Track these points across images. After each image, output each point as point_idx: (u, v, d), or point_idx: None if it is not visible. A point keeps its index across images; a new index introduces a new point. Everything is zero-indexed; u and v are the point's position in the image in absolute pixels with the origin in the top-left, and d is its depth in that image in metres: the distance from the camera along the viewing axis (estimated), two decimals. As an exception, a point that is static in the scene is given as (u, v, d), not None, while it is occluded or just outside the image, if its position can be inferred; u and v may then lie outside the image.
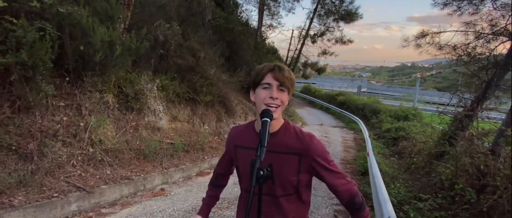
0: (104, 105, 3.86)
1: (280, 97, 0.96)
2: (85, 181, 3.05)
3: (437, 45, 6.64)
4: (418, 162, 6.03)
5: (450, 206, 2.98)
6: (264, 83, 0.98)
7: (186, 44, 5.07)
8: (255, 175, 0.81)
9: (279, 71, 0.97)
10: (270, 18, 13.61)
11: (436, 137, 6.73)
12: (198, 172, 4.83)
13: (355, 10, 11.45)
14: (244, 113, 8.39)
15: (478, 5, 6.03)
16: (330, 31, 12.63)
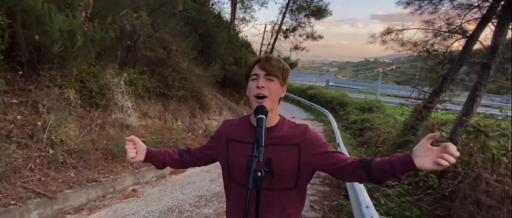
0: (65, 102, 3.50)
1: (267, 86, 0.94)
2: (46, 186, 2.75)
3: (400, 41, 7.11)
4: (383, 151, 6.45)
5: (415, 191, 3.25)
6: (252, 75, 0.97)
7: (156, 36, 4.77)
8: (252, 176, 0.78)
9: (265, 61, 0.96)
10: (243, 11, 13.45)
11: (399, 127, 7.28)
12: (171, 171, 4.64)
13: (325, 7, 11.83)
14: (218, 108, 8.25)
15: (437, 4, 6.52)
16: (301, 26, 12.90)
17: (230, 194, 1.10)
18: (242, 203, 1.01)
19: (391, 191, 3.21)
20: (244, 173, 1.00)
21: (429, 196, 2.99)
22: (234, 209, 1.07)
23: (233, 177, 1.05)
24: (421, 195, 3.09)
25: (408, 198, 3.10)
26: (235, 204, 1.06)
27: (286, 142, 0.98)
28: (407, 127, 6.30)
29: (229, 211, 1.12)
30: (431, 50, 6.67)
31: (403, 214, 2.80)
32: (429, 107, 6.00)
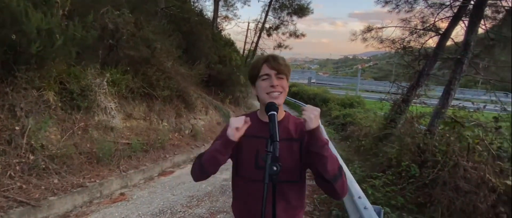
0: (44, 105, 3.31)
1: (280, 84, 0.99)
2: (28, 194, 2.60)
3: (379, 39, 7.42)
4: (366, 144, 6.72)
5: (398, 181, 3.43)
6: (262, 75, 1.01)
7: (140, 34, 4.63)
8: (268, 171, 0.80)
9: (274, 61, 1.01)
10: (225, 9, 13.34)
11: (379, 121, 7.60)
12: (160, 172, 4.56)
13: (307, 5, 12.04)
14: (204, 107, 8.16)
15: (412, 3, 6.85)
16: (284, 24, 13.04)
17: (236, 188, 1.12)
18: (249, 197, 1.04)
19: (377, 182, 3.37)
20: (251, 167, 1.03)
21: (411, 185, 3.17)
22: (242, 202, 1.09)
23: (240, 172, 1.07)
24: (404, 184, 3.27)
25: (392, 187, 3.28)
26: (242, 198, 1.08)
27: (291, 136, 1.02)
28: (387, 121, 6.60)
29: (235, 205, 1.14)
30: (408, 47, 7.02)
31: (389, 203, 2.96)
32: (407, 101, 6.33)
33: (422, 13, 6.57)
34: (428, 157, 3.23)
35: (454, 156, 2.78)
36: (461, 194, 2.60)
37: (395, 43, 7.08)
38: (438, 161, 2.95)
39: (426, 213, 2.74)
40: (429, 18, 6.60)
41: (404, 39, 6.90)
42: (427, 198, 2.95)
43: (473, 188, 2.49)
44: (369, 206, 1.89)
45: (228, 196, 3.75)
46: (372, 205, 1.93)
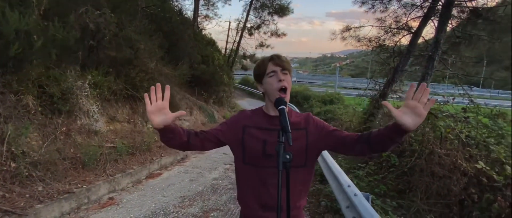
0: (23, 110, 3.16)
1: (285, 79, 1.09)
2: (13, 203, 2.49)
3: (357, 38, 7.78)
4: (347, 138, 7.03)
5: (380, 171, 3.67)
6: (269, 73, 1.10)
7: (122, 34, 4.51)
8: (281, 159, 0.88)
9: (278, 59, 1.11)
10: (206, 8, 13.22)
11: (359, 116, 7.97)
12: (147, 175, 4.49)
13: (287, 5, 12.27)
14: (188, 108, 8.09)
15: (387, 4, 7.25)
16: (265, 24, 13.18)
17: (243, 176, 1.18)
18: (258, 182, 1.12)
19: (361, 173, 3.58)
20: (259, 155, 1.11)
21: (392, 174, 3.41)
22: (249, 188, 1.15)
23: (246, 159, 1.14)
24: (385, 174, 3.50)
25: (375, 177, 3.50)
26: (250, 184, 1.15)
27: (295, 127, 1.11)
28: (367, 115, 6.95)
29: (242, 192, 1.20)
30: (383, 45, 7.44)
31: (373, 191, 3.16)
32: (384, 96, 6.71)
33: (395, 13, 6.98)
34: (406, 147, 3.49)
35: (429, 144, 3.04)
36: (436, 179, 2.85)
37: (371, 42, 7.46)
38: (415, 150, 3.20)
39: (406, 198, 2.97)
40: (402, 18, 7.03)
41: (380, 38, 7.30)
42: (407, 185, 3.19)
43: (447, 173, 2.74)
44: (358, 193, 2.04)
45: (220, 195, 3.80)
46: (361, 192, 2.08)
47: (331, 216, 2.88)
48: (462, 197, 2.60)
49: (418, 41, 6.78)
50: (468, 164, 2.68)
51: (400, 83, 6.86)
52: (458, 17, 6.76)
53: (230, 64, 13.76)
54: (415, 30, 6.53)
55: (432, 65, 4.53)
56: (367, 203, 1.85)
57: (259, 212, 1.15)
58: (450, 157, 2.82)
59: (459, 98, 4.47)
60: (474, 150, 2.93)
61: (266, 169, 1.10)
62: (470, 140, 3.37)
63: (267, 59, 1.12)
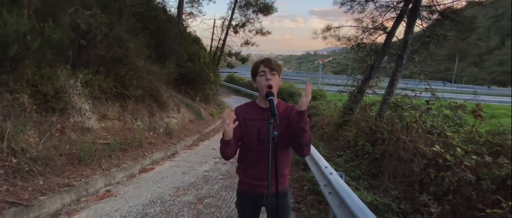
0: (20, 108, 3.27)
1: (272, 78, 1.39)
2: (17, 195, 2.64)
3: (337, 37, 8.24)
4: (328, 131, 7.50)
5: (356, 158, 4.10)
6: (260, 72, 1.41)
7: (112, 34, 4.62)
8: (270, 135, 1.20)
9: (268, 61, 1.43)
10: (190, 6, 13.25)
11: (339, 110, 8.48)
12: (140, 169, 4.68)
13: (271, 4, 12.59)
14: (176, 106, 8.23)
15: (364, 5, 7.75)
16: (250, 22, 13.42)
17: (244, 159, 1.51)
18: (255, 163, 1.44)
19: (339, 159, 4.00)
20: (255, 142, 1.42)
21: (366, 160, 3.85)
22: (248, 166, 1.48)
23: (247, 147, 1.46)
24: (360, 160, 3.94)
25: (351, 163, 3.93)
26: (249, 163, 1.47)
27: (282, 116, 1.43)
28: (346, 109, 7.44)
29: (243, 168, 1.51)
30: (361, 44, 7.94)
31: (349, 175, 3.57)
32: (362, 92, 7.21)
33: (372, 14, 7.49)
34: (378, 136, 3.94)
35: (396, 133, 3.48)
36: (402, 162, 3.29)
37: (350, 41, 7.94)
38: (385, 138, 3.64)
39: (377, 180, 3.39)
40: (378, 18, 7.54)
41: (358, 37, 7.78)
42: (378, 169, 3.63)
43: (410, 156, 3.19)
44: (334, 172, 2.40)
45: (212, 184, 4.08)
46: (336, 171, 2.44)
47: (312, 197, 3.26)
48: (423, 176, 3.06)
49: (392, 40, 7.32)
50: (427, 148, 3.14)
51: (377, 80, 7.40)
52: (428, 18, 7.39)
53: (216, 62, 13.91)
54: (390, 30, 7.06)
55: (402, 63, 5.03)
56: (340, 180, 2.21)
57: (251, 181, 1.48)
58: (413, 142, 3.27)
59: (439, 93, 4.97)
60: (434, 137, 3.40)
61: (261, 153, 1.41)
62: (434, 128, 3.87)
63: (260, 61, 1.42)
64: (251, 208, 1.53)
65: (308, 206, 3.08)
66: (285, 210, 1.51)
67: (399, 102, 3.91)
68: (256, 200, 1.50)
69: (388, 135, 3.59)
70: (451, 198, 2.52)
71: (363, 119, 4.90)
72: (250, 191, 1.51)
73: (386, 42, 7.00)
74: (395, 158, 3.38)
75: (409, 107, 3.78)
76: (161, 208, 3.16)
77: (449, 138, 3.37)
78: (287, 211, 1.54)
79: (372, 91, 6.77)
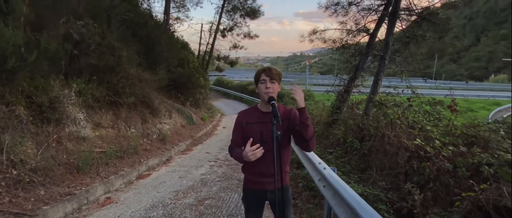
0: (16, 120, 3.29)
1: (272, 86, 1.56)
2: (21, 206, 2.68)
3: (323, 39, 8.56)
4: (318, 130, 7.77)
5: (346, 154, 4.35)
6: (261, 80, 1.58)
7: (105, 43, 4.68)
8: (274, 135, 1.37)
9: (269, 71, 1.60)
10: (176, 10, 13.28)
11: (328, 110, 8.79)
12: (137, 176, 4.74)
13: (258, 8, 12.84)
14: (168, 111, 8.27)
15: (347, 9, 8.10)
16: (238, 26, 13.61)
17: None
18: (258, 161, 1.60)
19: (330, 157, 4.23)
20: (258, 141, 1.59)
21: (355, 156, 4.10)
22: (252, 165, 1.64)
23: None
24: (350, 156, 4.19)
25: (342, 159, 4.17)
26: (253, 162, 1.63)
27: (282, 117, 1.61)
28: (334, 109, 7.75)
29: (248, 167, 1.67)
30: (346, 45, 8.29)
31: (340, 170, 3.80)
32: (348, 91, 7.54)
33: (355, 16, 7.85)
34: (365, 133, 4.21)
35: (381, 129, 3.75)
36: (388, 156, 3.55)
37: (335, 43, 8.27)
38: (372, 134, 3.91)
39: (366, 173, 3.64)
40: (361, 21, 7.92)
41: (342, 39, 8.13)
42: (367, 164, 3.89)
43: (395, 150, 3.45)
44: (327, 167, 2.61)
45: (210, 187, 4.20)
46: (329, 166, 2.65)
47: (307, 192, 3.46)
48: (407, 167, 3.32)
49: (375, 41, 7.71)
50: (410, 142, 3.42)
51: (362, 79, 7.75)
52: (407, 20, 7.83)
53: (205, 66, 13.98)
54: (372, 32, 7.43)
55: (384, 64, 5.36)
56: (333, 173, 2.42)
57: (256, 179, 1.65)
58: (397, 137, 3.54)
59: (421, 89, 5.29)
60: (415, 131, 3.69)
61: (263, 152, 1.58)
62: (416, 123, 4.18)
63: (262, 70, 1.60)
64: (256, 203, 1.70)
65: (304, 201, 3.27)
66: (287, 203, 1.69)
67: (383, 101, 4.20)
68: (261, 195, 1.67)
69: (374, 131, 3.86)
70: (432, 185, 2.78)
71: (350, 117, 5.18)
72: (255, 188, 1.68)
73: (369, 43, 7.37)
74: (381, 152, 3.64)
75: (392, 105, 4.08)
76: (164, 211, 3.27)
77: (429, 132, 3.67)
78: (288, 203, 1.72)
79: (358, 90, 7.10)
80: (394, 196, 2.91)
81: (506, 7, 77.97)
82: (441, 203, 2.68)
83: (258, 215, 1.71)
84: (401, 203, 2.83)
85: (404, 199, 2.83)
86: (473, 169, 2.79)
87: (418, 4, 7.40)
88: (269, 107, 1.54)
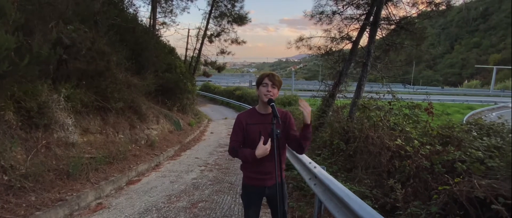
0: (5, 125, 3.23)
1: (272, 91, 1.71)
2: (13, 212, 2.64)
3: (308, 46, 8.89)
4: (305, 134, 8.01)
5: (332, 156, 4.56)
6: (263, 83, 1.72)
7: (95, 48, 4.66)
8: (275, 134, 1.52)
9: (272, 77, 1.75)
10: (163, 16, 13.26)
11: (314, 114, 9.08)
12: (127, 181, 4.71)
13: (245, 14, 13.07)
14: (155, 117, 8.22)
15: (331, 17, 8.49)
16: (225, 32, 13.76)
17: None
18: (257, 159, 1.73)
19: (318, 158, 4.43)
20: (257, 142, 1.72)
21: (341, 157, 4.32)
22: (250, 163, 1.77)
23: (249, 144, 1.76)
24: (336, 157, 4.40)
25: (329, 161, 4.37)
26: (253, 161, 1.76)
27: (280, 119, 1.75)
28: (320, 113, 8.03)
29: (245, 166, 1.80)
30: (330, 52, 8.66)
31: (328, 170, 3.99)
32: (333, 96, 7.86)
33: (338, 25, 8.25)
34: (350, 135, 4.45)
35: (365, 131, 4.00)
36: (372, 156, 3.79)
37: (320, 50, 8.63)
38: (357, 136, 4.15)
39: (352, 173, 3.86)
40: (344, 29, 8.33)
41: (327, 46, 8.49)
42: (352, 164, 4.11)
43: (378, 150, 3.70)
44: (317, 166, 2.78)
45: (202, 190, 4.26)
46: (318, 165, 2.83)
47: (297, 192, 3.62)
48: (389, 166, 3.57)
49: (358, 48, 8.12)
50: (392, 142, 3.68)
51: (345, 84, 8.11)
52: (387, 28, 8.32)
53: (192, 71, 13.98)
54: (354, 40, 7.84)
55: (366, 70, 5.69)
56: (324, 171, 2.59)
57: (257, 176, 1.78)
58: (380, 138, 3.80)
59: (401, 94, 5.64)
60: (396, 132, 3.97)
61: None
62: (397, 126, 4.47)
63: (266, 74, 1.74)
64: (255, 199, 1.83)
65: (295, 200, 3.42)
66: (284, 196, 1.83)
67: (366, 104, 4.47)
68: (259, 191, 1.80)
69: (359, 133, 4.10)
70: (412, 181, 3.02)
71: (336, 120, 5.43)
72: (254, 184, 1.81)
73: (352, 50, 7.75)
74: (365, 153, 3.88)
75: (375, 108, 4.35)
76: (158, 215, 3.30)
77: (408, 133, 3.95)
78: (285, 197, 1.86)
79: (342, 95, 7.43)
80: (378, 192, 3.12)
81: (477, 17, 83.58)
82: (421, 197, 2.92)
83: (257, 210, 1.84)
84: (385, 199, 3.05)
85: (387, 195, 3.05)
86: (448, 165, 3.06)
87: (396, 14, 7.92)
88: (267, 109, 1.70)
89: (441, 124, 4.36)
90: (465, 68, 73.85)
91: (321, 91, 8.67)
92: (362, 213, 1.70)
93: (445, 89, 50.20)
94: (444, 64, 78.95)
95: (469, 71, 71.38)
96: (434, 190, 2.75)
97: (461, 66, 75.62)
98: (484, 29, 79.20)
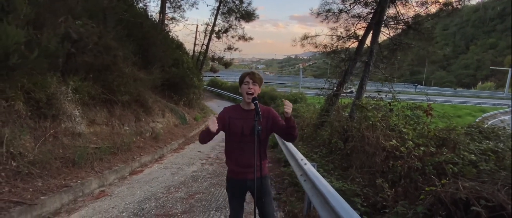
0: (16, 115, 3.43)
1: (253, 88, 1.81)
2: (20, 196, 2.83)
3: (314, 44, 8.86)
4: (307, 132, 8.05)
5: (330, 154, 4.61)
6: (245, 81, 1.82)
7: (102, 43, 4.84)
8: (256, 131, 1.61)
9: (252, 74, 1.84)
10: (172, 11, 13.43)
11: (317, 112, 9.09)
12: (131, 171, 4.89)
13: (253, 11, 13.11)
14: (161, 111, 8.42)
15: (338, 15, 8.43)
16: (233, 28, 13.84)
17: (229, 148, 1.90)
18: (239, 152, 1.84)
19: (315, 156, 4.49)
20: (238, 136, 1.82)
21: (339, 155, 4.36)
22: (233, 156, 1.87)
23: (232, 140, 1.85)
24: (334, 156, 4.45)
25: (326, 159, 4.43)
26: (234, 154, 1.87)
27: (262, 115, 1.84)
28: (323, 111, 8.04)
29: (230, 157, 1.90)
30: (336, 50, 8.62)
31: (323, 168, 4.06)
32: (338, 95, 7.84)
33: (345, 23, 8.19)
34: (349, 134, 4.48)
35: (362, 130, 4.03)
36: (367, 156, 3.83)
37: (326, 48, 8.59)
38: (354, 135, 4.18)
39: (347, 171, 3.91)
40: (351, 27, 8.26)
41: (333, 44, 8.45)
42: (348, 163, 4.16)
43: (374, 150, 3.73)
44: (308, 163, 2.85)
45: (200, 182, 4.40)
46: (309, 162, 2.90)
47: (291, 188, 3.70)
48: (384, 166, 3.60)
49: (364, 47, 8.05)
50: (387, 143, 3.70)
51: (350, 83, 8.07)
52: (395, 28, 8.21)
53: (199, 67, 14.14)
54: (361, 38, 7.78)
55: (368, 70, 5.68)
56: (313, 168, 2.66)
57: (238, 169, 1.88)
58: (375, 138, 3.83)
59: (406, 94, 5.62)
60: (392, 133, 3.98)
61: (243, 144, 1.82)
62: (396, 126, 4.48)
63: (246, 73, 1.84)
64: (238, 191, 1.92)
65: (288, 195, 3.51)
66: (266, 191, 1.92)
67: (364, 105, 4.49)
68: (241, 184, 1.89)
69: (356, 132, 4.13)
70: (403, 182, 3.06)
71: (337, 119, 5.46)
72: (236, 177, 1.91)
73: (358, 49, 7.70)
74: (361, 152, 3.91)
75: (372, 108, 4.37)
76: (156, 204, 3.45)
77: (404, 134, 3.96)
78: (268, 192, 1.94)
79: (346, 94, 7.41)
80: (370, 191, 3.17)
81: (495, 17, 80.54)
82: (411, 197, 2.95)
83: (240, 202, 1.94)
84: (376, 198, 3.10)
85: (378, 194, 3.09)
86: (440, 167, 3.08)
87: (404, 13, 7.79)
88: (250, 106, 1.80)
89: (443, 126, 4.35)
90: (480, 69, 71.54)
91: (325, 90, 8.66)
92: (339, 209, 1.77)
93: (458, 90, 48.89)
94: (459, 65, 76.70)
95: (483, 73, 69.15)
96: (423, 190, 2.79)
97: (476, 68, 73.32)
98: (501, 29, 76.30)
